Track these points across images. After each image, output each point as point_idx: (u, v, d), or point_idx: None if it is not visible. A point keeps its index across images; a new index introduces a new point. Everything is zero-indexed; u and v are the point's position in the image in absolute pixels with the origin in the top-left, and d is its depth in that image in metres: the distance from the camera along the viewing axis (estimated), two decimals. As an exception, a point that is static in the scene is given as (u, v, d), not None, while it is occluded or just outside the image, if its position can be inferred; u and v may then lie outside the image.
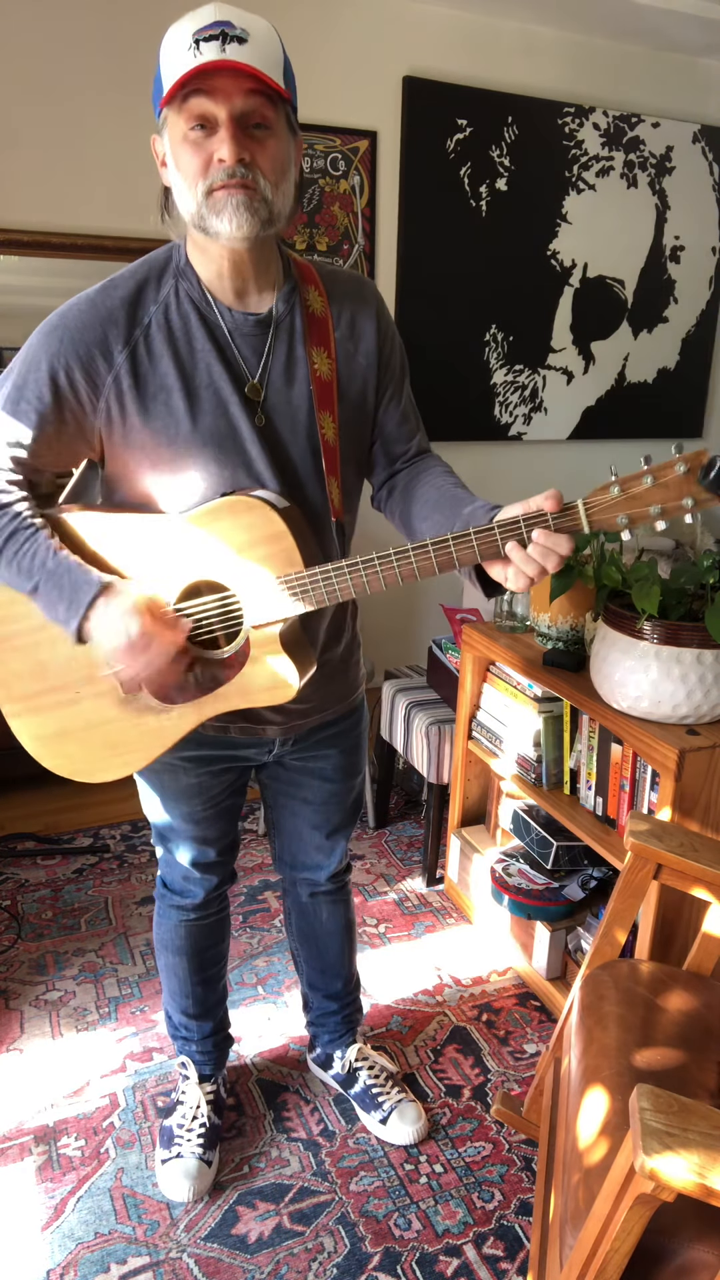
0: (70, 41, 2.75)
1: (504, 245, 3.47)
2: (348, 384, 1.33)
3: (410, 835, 2.84)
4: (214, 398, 1.24)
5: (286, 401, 1.28)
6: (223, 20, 1.07)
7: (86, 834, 2.79)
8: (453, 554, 1.15)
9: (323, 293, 1.31)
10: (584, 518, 1.11)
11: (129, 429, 1.23)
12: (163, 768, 1.48)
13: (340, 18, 3.06)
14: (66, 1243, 1.55)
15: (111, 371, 1.21)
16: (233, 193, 1.12)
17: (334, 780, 1.58)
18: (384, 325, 1.36)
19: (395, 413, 1.40)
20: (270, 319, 1.26)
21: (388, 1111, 1.76)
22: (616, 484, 1.10)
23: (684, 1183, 0.90)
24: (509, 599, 2.26)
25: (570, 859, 2.16)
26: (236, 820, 1.62)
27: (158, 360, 1.22)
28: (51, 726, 1.34)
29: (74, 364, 1.20)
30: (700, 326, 3.97)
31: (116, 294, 1.22)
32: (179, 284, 1.24)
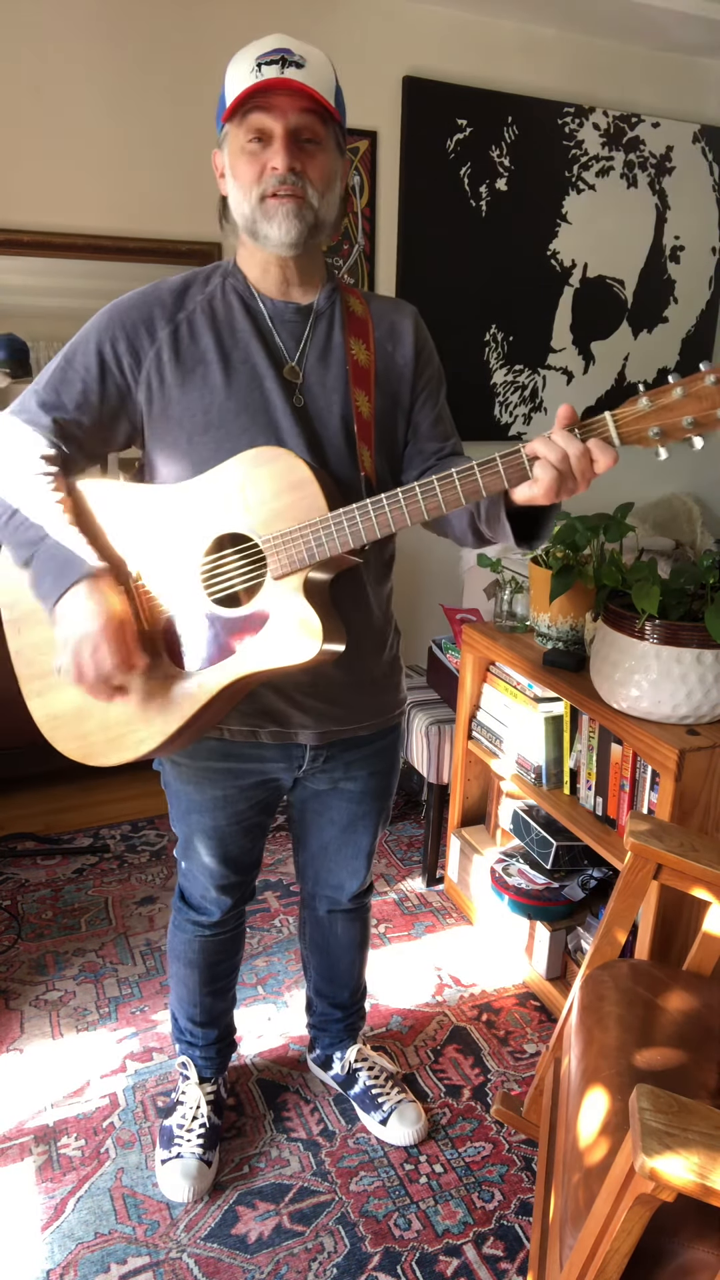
0: (70, 42, 2.75)
1: (504, 245, 3.47)
2: (384, 376, 1.37)
3: (410, 835, 2.84)
4: (250, 372, 1.29)
5: (321, 382, 1.32)
6: (283, 47, 1.20)
7: (86, 834, 2.79)
8: (478, 480, 1.13)
9: (363, 302, 1.39)
10: (612, 429, 1.08)
11: (168, 400, 1.29)
12: (190, 778, 1.47)
13: (340, 18, 3.06)
14: (66, 1243, 1.55)
15: (154, 346, 1.29)
16: (283, 201, 1.23)
17: (362, 803, 1.57)
18: (421, 335, 1.42)
19: (430, 414, 1.43)
20: (311, 309, 1.33)
21: (387, 1112, 1.76)
22: (645, 397, 1.06)
23: (684, 1183, 0.90)
24: (509, 599, 2.26)
25: (570, 859, 2.16)
26: (261, 842, 1.60)
27: (199, 337, 1.29)
28: (70, 703, 1.32)
29: (119, 337, 1.28)
30: (700, 326, 3.97)
31: (165, 285, 1.33)
32: (226, 280, 1.34)
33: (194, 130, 2.97)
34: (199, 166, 3.02)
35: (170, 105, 2.91)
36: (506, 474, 1.12)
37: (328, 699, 1.40)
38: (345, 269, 3.27)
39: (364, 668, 1.43)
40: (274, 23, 2.98)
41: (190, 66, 2.90)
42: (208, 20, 2.89)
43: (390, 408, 1.38)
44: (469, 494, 1.14)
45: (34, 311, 2.96)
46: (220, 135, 1.28)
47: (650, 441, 1.07)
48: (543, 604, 2.07)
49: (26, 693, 1.35)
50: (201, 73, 2.93)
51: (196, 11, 2.86)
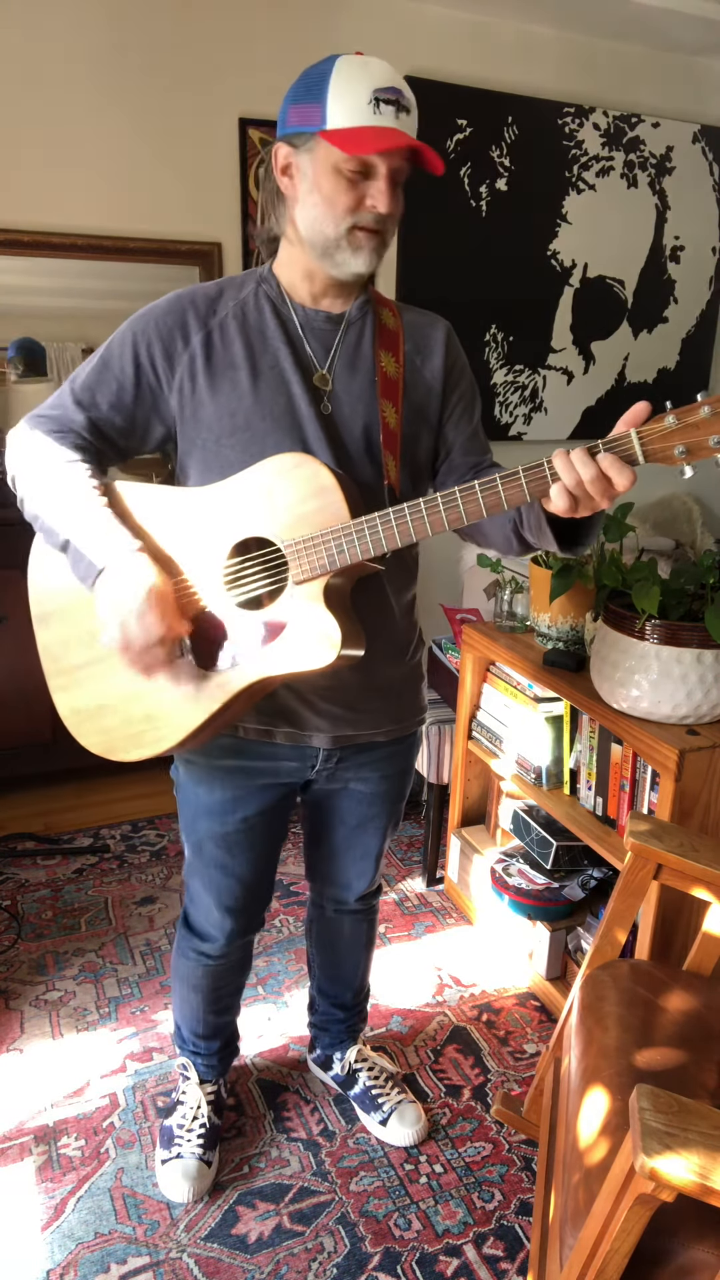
0: (71, 42, 2.75)
1: (504, 245, 3.47)
2: (412, 389, 1.38)
3: (410, 835, 2.84)
4: (277, 379, 1.30)
5: (348, 390, 1.33)
6: (397, 87, 1.20)
7: (86, 834, 2.79)
8: (500, 493, 1.14)
9: (396, 315, 1.39)
10: (637, 446, 1.08)
11: (198, 404, 1.31)
12: (200, 778, 1.47)
13: (340, 18, 3.06)
14: (66, 1243, 1.55)
15: (188, 350, 1.30)
16: (371, 238, 1.26)
17: (373, 805, 1.56)
18: (453, 351, 1.43)
19: (466, 429, 1.43)
20: (343, 318, 1.34)
21: (387, 1113, 1.76)
22: (672, 414, 1.07)
23: (684, 1183, 0.90)
24: (509, 599, 2.26)
25: (570, 859, 2.16)
26: (272, 867, 1.59)
27: (230, 343, 1.31)
28: (94, 698, 1.34)
29: (155, 340, 1.30)
30: (700, 326, 3.97)
31: (200, 290, 1.35)
32: (260, 286, 1.35)
33: (195, 130, 2.98)
34: (199, 167, 3.02)
35: (171, 105, 2.91)
36: (529, 486, 1.13)
37: (345, 704, 1.40)
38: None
39: (383, 674, 1.43)
40: (274, 23, 2.98)
41: (191, 67, 2.90)
42: (208, 21, 2.89)
43: (417, 420, 1.38)
44: (490, 506, 1.15)
45: (34, 311, 2.97)
46: (301, 137, 1.24)
47: (675, 460, 1.08)
48: (543, 604, 2.07)
49: (52, 687, 1.37)
50: (202, 73, 2.93)
51: (197, 12, 2.86)
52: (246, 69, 2.97)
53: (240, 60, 2.96)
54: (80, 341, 3.02)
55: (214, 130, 2.99)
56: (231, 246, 3.12)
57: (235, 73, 2.96)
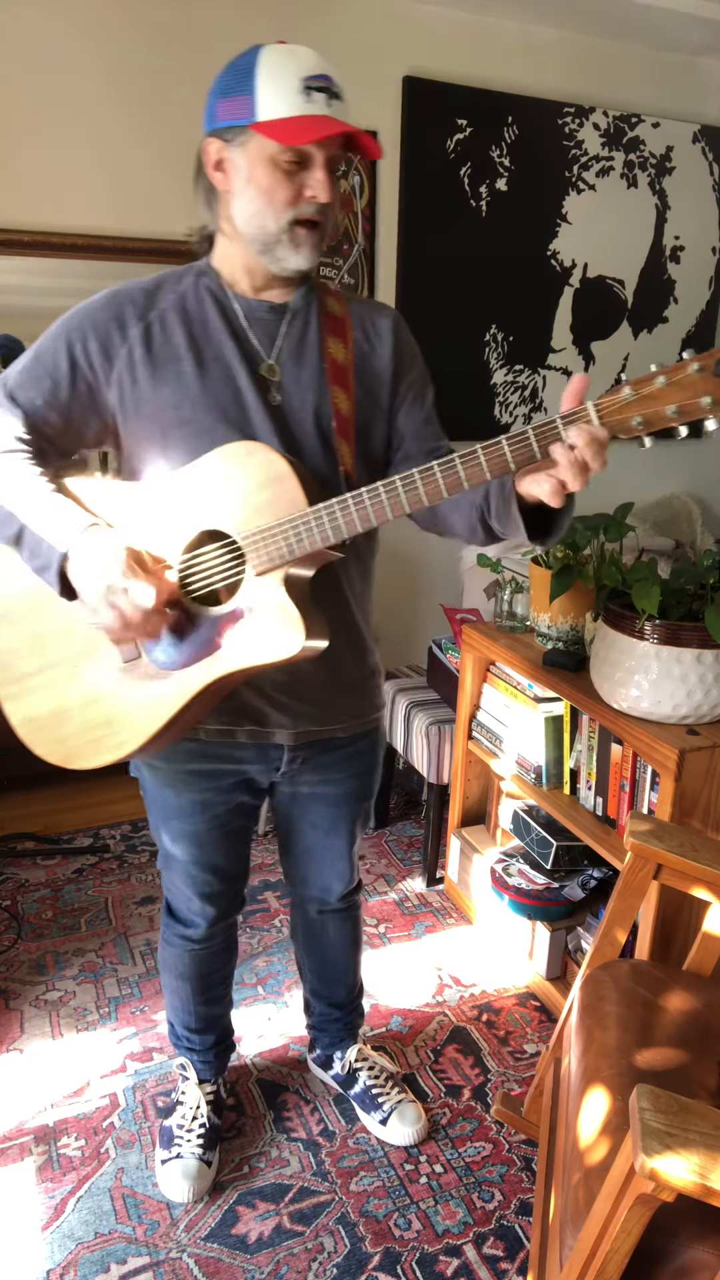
0: (72, 41, 2.75)
1: (504, 245, 3.47)
2: (363, 375, 1.35)
3: (410, 835, 2.84)
4: (223, 370, 1.28)
5: (297, 380, 1.31)
6: (326, 74, 1.19)
7: (86, 834, 2.79)
8: (459, 473, 1.12)
9: (342, 304, 1.37)
10: (595, 417, 1.06)
11: (140, 398, 1.28)
12: (166, 781, 1.46)
13: (340, 18, 3.06)
14: (66, 1243, 1.55)
15: (125, 343, 1.28)
16: (311, 233, 1.24)
17: (342, 805, 1.56)
18: (401, 337, 1.40)
19: (419, 416, 1.41)
20: (286, 308, 1.32)
21: (387, 1112, 1.76)
22: (628, 385, 1.05)
23: (684, 1183, 0.90)
24: (509, 599, 2.26)
25: (570, 859, 2.16)
26: (245, 849, 1.59)
27: (171, 334, 1.29)
28: (48, 705, 1.30)
29: (90, 334, 1.27)
30: (700, 326, 3.97)
31: (134, 285, 1.32)
32: (199, 279, 1.32)
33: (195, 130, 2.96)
34: (199, 166, 3.02)
35: (171, 105, 2.91)
36: (488, 465, 1.11)
37: (306, 699, 1.40)
38: (345, 269, 3.27)
39: (343, 669, 1.42)
40: (274, 23, 2.98)
41: (191, 66, 2.90)
42: (208, 20, 2.89)
43: (370, 406, 1.36)
44: (450, 486, 1.13)
45: (34, 311, 2.96)
46: (233, 131, 1.22)
47: (633, 430, 1.06)
48: (543, 604, 2.07)
49: (2, 696, 1.33)
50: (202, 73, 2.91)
51: (197, 12, 2.86)
52: (246, 69, 2.97)
53: (240, 60, 2.96)
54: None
55: (214, 130, 2.99)
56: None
57: (235, 73, 2.96)
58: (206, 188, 1.29)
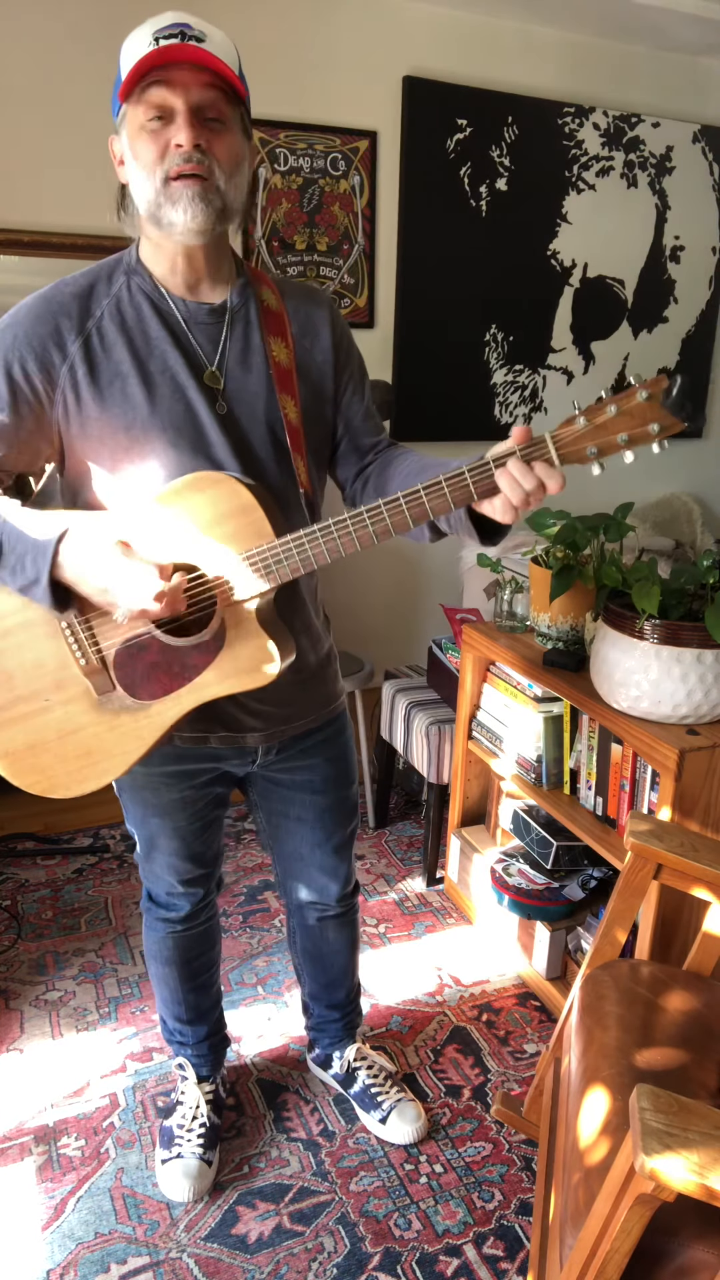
0: (71, 41, 2.75)
1: (504, 245, 3.47)
2: (306, 373, 1.33)
3: (410, 835, 2.84)
4: (171, 383, 1.24)
5: (244, 387, 1.28)
6: (182, 22, 1.13)
7: (86, 834, 2.79)
8: (425, 504, 1.14)
9: (277, 293, 1.33)
10: (552, 450, 1.10)
11: (85, 419, 1.23)
12: (144, 784, 1.46)
13: (340, 18, 3.06)
14: (66, 1243, 1.55)
15: (66, 361, 1.21)
16: (189, 184, 1.15)
17: (324, 792, 1.56)
18: (338, 326, 1.38)
19: (360, 407, 1.41)
20: (225, 309, 1.28)
21: (387, 1111, 1.76)
22: (581, 415, 1.09)
23: (684, 1183, 0.90)
24: (509, 599, 2.26)
25: (570, 859, 2.16)
26: (220, 832, 1.61)
27: (111, 348, 1.22)
28: (22, 740, 1.29)
29: (28, 355, 1.20)
30: (700, 326, 3.98)
31: (67, 290, 1.25)
32: (130, 279, 1.26)
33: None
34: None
35: (170, 105, 2.90)
36: (452, 496, 1.13)
37: (276, 701, 1.40)
38: (345, 269, 3.27)
39: (305, 666, 1.43)
40: (274, 23, 2.98)
41: (190, 66, 2.90)
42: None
43: (317, 405, 1.35)
44: (416, 517, 1.15)
45: (34, 311, 2.96)
46: (117, 119, 1.18)
47: (587, 459, 1.10)
48: (543, 604, 2.07)
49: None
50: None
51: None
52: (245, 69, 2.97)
53: (240, 60, 2.96)
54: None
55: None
56: (231, 246, 3.12)
57: (235, 73, 2.96)
58: (119, 189, 1.25)
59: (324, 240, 3.22)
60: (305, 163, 3.12)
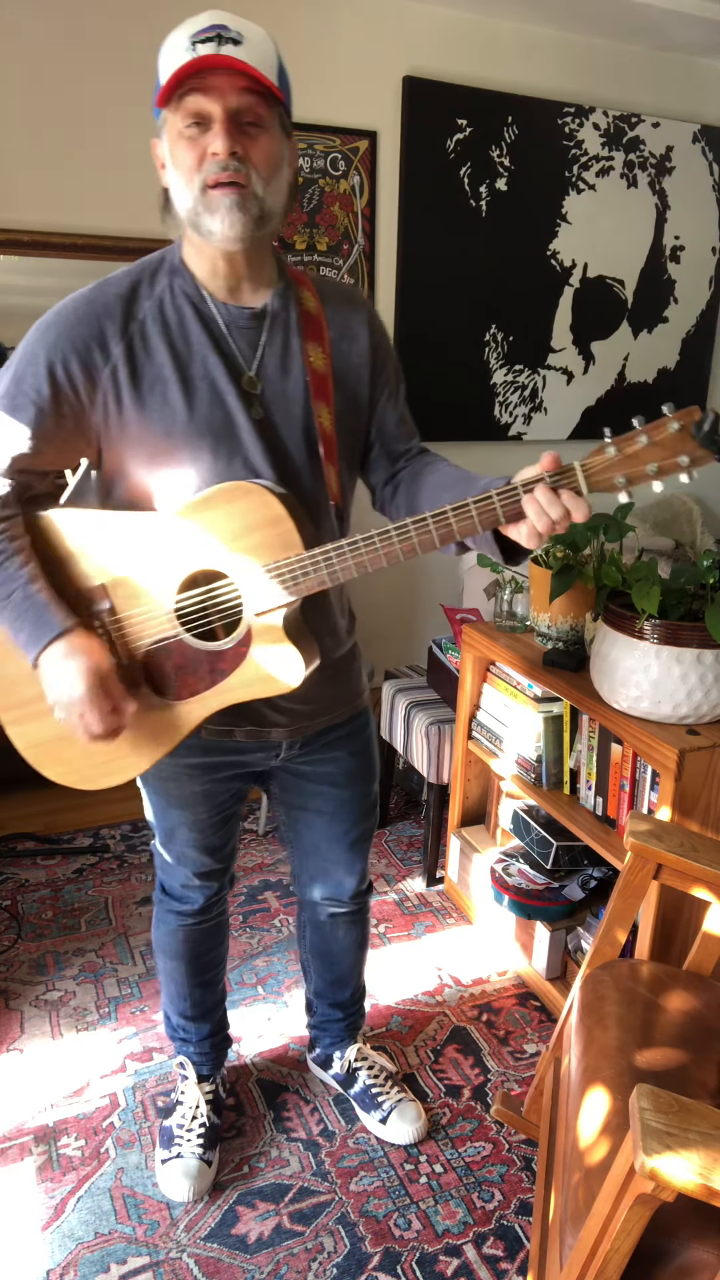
0: (71, 41, 2.75)
1: (504, 245, 3.47)
2: (343, 379, 1.33)
3: (410, 835, 2.84)
4: (210, 389, 1.24)
5: (282, 393, 1.28)
6: (219, 24, 1.12)
7: (86, 834, 2.79)
8: (452, 525, 1.15)
9: (316, 296, 1.33)
10: (581, 479, 1.11)
11: (125, 422, 1.23)
12: (169, 775, 1.47)
13: (340, 18, 3.06)
14: (66, 1243, 1.55)
15: (108, 364, 1.21)
16: (226, 192, 1.15)
17: (345, 786, 1.56)
18: (376, 330, 1.38)
19: (393, 413, 1.41)
20: (265, 313, 1.28)
21: (387, 1111, 1.76)
22: (612, 444, 1.09)
23: (684, 1183, 0.90)
24: (509, 599, 2.26)
25: (570, 859, 2.16)
26: (237, 827, 1.62)
27: (154, 352, 1.23)
28: (51, 732, 1.32)
29: (71, 357, 1.20)
30: (700, 326, 3.97)
31: (111, 290, 1.24)
32: (173, 280, 1.26)
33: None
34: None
35: (170, 105, 2.91)
36: (479, 519, 1.15)
37: (301, 699, 1.40)
38: (345, 269, 3.27)
39: (329, 662, 1.44)
40: (274, 23, 2.97)
41: (190, 66, 2.90)
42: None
43: (350, 411, 1.35)
44: (443, 538, 1.16)
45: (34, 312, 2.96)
46: (158, 123, 1.20)
47: (616, 488, 1.11)
48: (543, 604, 2.07)
49: (4, 722, 1.34)
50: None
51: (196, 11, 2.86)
52: (246, 69, 2.97)
53: (240, 60, 2.96)
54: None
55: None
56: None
57: (235, 73, 2.96)
58: (161, 192, 1.26)
59: (324, 240, 3.22)
60: (305, 162, 3.12)
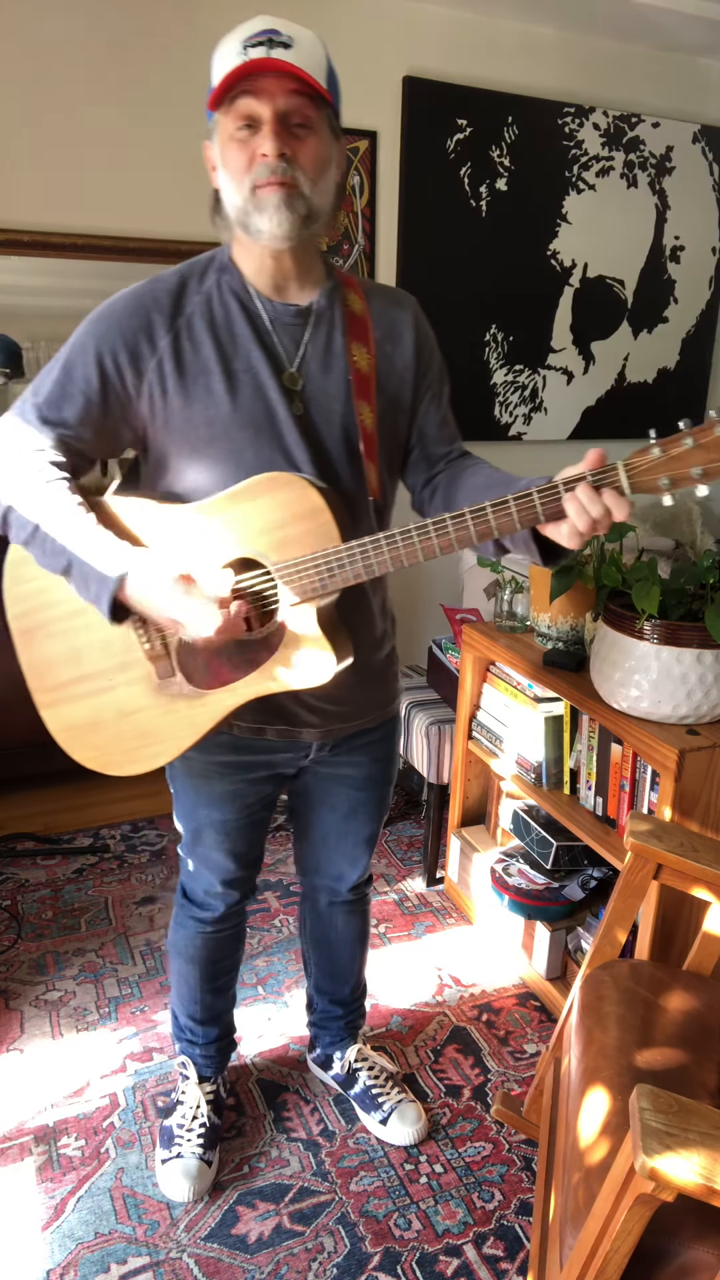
0: (71, 41, 2.75)
1: (504, 245, 3.47)
2: (386, 380, 1.35)
3: (410, 835, 2.84)
4: (252, 381, 1.26)
5: (324, 390, 1.30)
6: (270, 28, 1.15)
7: (86, 834, 2.79)
8: (491, 522, 1.15)
9: (362, 298, 1.35)
10: (624, 479, 1.10)
11: (170, 412, 1.26)
12: (198, 772, 1.48)
13: (340, 18, 3.06)
14: (66, 1243, 1.55)
15: (155, 355, 1.25)
16: (274, 191, 1.18)
17: (363, 789, 1.57)
18: (422, 332, 1.40)
19: (435, 416, 1.42)
20: (310, 311, 1.30)
21: (387, 1112, 1.76)
22: (657, 446, 1.08)
23: (684, 1183, 0.90)
24: (509, 599, 2.26)
25: (570, 859, 2.16)
26: (264, 836, 1.61)
27: (200, 345, 1.26)
28: (84, 716, 1.34)
29: (120, 348, 1.24)
30: (700, 326, 3.97)
31: (160, 285, 1.28)
32: (221, 277, 1.29)
33: (194, 129, 2.97)
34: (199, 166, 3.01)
35: (170, 104, 2.91)
36: (519, 517, 1.14)
37: (334, 699, 1.41)
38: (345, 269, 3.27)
39: (366, 665, 1.44)
40: (274, 23, 2.97)
41: (190, 65, 2.90)
42: (207, 19, 2.89)
43: (392, 412, 1.37)
44: (481, 534, 1.16)
45: (34, 311, 2.96)
46: (210, 125, 1.23)
47: (660, 490, 1.10)
48: (543, 604, 2.07)
49: (39, 704, 1.36)
50: (201, 71, 2.92)
51: (196, 10, 2.86)
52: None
53: (240, 60, 2.96)
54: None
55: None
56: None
57: (235, 73, 2.96)
58: (212, 194, 1.28)
59: (324, 240, 3.22)
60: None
